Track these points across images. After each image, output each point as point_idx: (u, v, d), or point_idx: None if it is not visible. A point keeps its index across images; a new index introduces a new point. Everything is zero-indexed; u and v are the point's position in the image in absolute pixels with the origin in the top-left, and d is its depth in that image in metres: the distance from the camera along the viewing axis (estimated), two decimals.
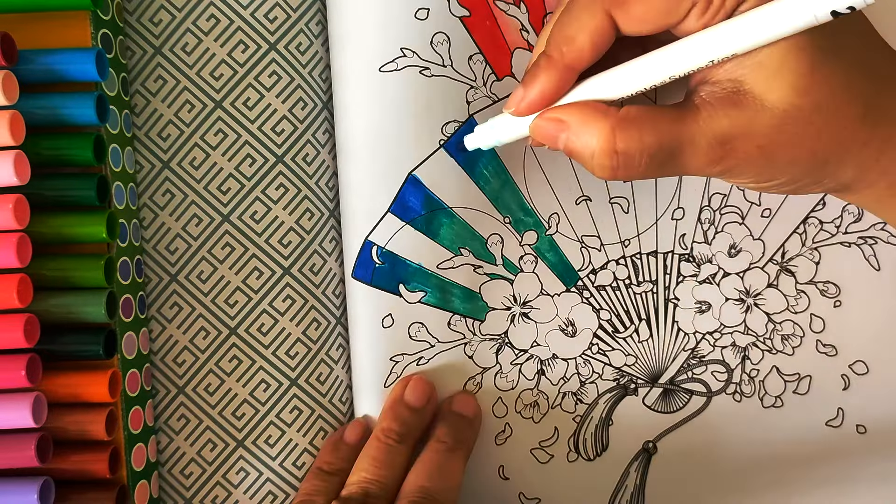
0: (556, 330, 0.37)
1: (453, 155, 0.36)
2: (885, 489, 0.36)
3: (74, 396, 0.32)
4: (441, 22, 0.35)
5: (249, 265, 0.36)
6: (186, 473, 0.36)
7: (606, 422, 0.37)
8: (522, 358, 0.37)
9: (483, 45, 0.35)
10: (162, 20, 0.36)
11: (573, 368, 0.37)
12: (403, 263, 0.36)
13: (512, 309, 0.37)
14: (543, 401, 0.37)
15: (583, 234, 0.37)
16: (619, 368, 0.37)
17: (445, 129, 0.36)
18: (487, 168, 0.36)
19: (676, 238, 0.37)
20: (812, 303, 0.37)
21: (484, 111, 0.36)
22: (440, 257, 0.36)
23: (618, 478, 0.37)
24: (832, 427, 0.37)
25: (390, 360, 0.36)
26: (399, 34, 0.35)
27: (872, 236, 0.36)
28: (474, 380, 0.37)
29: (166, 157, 0.36)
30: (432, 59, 0.35)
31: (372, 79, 0.35)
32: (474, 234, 0.36)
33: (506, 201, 0.36)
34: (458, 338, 0.37)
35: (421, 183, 0.36)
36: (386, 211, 0.36)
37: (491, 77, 0.36)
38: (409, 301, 0.36)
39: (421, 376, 0.36)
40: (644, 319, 0.37)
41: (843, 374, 0.37)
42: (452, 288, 0.36)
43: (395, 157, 0.35)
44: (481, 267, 0.36)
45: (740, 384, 0.37)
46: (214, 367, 0.36)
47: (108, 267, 0.32)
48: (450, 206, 0.36)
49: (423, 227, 0.36)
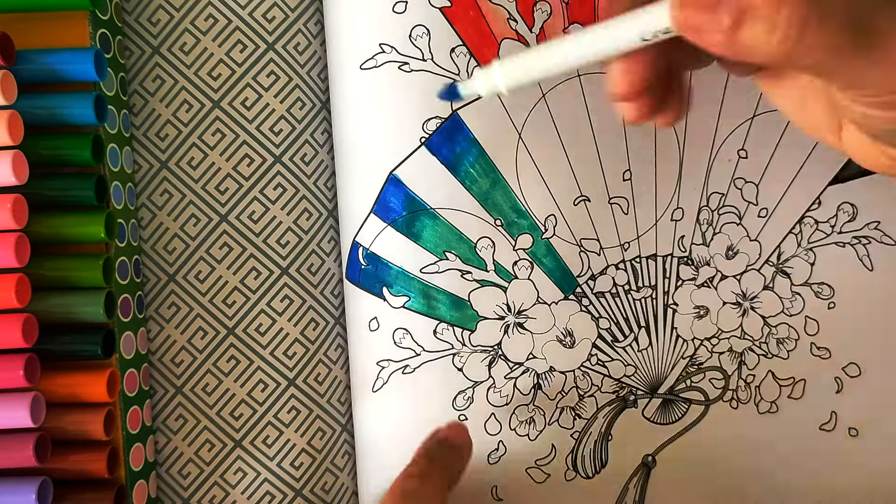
0: (553, 341, 0.35)
1: (435, 153, 0.35)
2: (878, 492, 0.36)
3: (73, 396, 0.32)
4: (420, 14, 0.34)
5: (247, 265, 0.36)
6: (184, 473, 0.36)
7: (606, 437, 0.36)
8: (517, 371, 0.35)
9: (466, 37, 0.34)
10: (160, 20, 0.36)
11: (571, 381, 0.36)
12: (386, 266, 0.35)
13: (506, 318, 0.35)
14: (540, 417, 0.36)
15: (581, 238, 0.35)
16: (619, 380, 0.36)
17: (427, 126, 0.35)
18: (474, 166, 0.35)
19: (675, 240, 0.36)
20: (806, 304, 0.36)
21: (470, 107, 0.34)
22: (423, 261, 0.35)
23: (616, 495, 0.36)
24: (825, 431, 0.36)
25: (377, 364, 0.35)
26: (377, 29, 0.34)
27: (866, 236, 0.36)
28: (465, 394, 0.36)
29: (164, 156, 0.36)
30: (411, 54, 0.34)
31: (354, 77, 0.35)
32: (461, 237, 0.35)
33: (496, 202, 0.35)
34: (447, 348, 0.35)
35: (401, 183, 0.35)
36: (369, 212, 0.35)
37: (476, 70, 0.35)
38: (393, 305, 0.35)
39: (458, 423, 0.34)
40: (643, 327, 0.36)
41: (837, 377, 0.36)
42: (437, 294, 0.35)
43: (377, 157, 0.35)
44: (469, 272, 0.35)
45: (737, 391, 0.36)
46: (212, 367, 0.36)
47: (106, 267, 0.32)
48: (432, 207, 0.35)
49: (404, 228, 0.35)
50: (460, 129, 0.35)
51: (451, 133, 0.35)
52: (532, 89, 0.35)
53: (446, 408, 0.36)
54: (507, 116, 0.35)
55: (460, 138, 0.35)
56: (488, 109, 0.35)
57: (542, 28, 0.35)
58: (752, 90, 0.36)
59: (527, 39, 0.35)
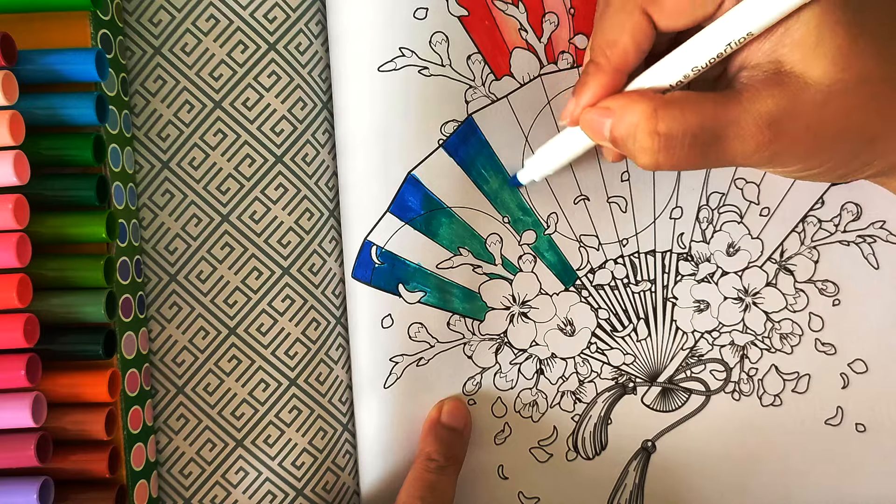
0: (554, 329, 0.37)
1: (452, 154, 0.36)
2: (885, 488, 0.36)
3: (74, 396, 0.32)
4: (440, 21, 0.35)
5: (249, 265, 0.36)
6: (185, 473, 0.36)
7: (605, 421, 0.37)
8: (521, 357, 0.37)
9: (481, 45, 0.36)
10: (161, 20, 0.36)
11: (572, 368, 0.37)
12: (403, 263, 0.36)
13: (511, 309, 0.37)
14: (542, 400, 0.37)
15: (581, 234, 0.37)
16: (618, 367, 0.37)
17: (444, 128, 0.36)
18: (486, 167, 0.36)
19: (675, 237, 0.37)
20: (811, 301, 0.37)
21: (483, 111, 0.36)
22: (439, 257, 0.36)
23: (617, 476, 0.37)
24: (832, 426, 0.37)
25: (390, 360, 0.36)
26: (397, 34, 0.35)
27: (871, 235, 0.36)
28: (473, 380, 0.37)
29: (166, 157, 0.36)
30: (431, 59, 0.35)
31: (371, 78, 0.35)
32: (473, 233, 0.36)
33: (504, 201, 0.36)
34: (458, 338, 0.37)
35: (420, 182, 0.36)
36: (385, 211, 0.36)
37: (490, 77, 0.36)
38: (409, 301, 0.36)
39: (455, 399, 0.37)
40: (642, 318, 0.37)
41: (843, 373, 0.37)
42: (452, 288, 0.36)
43: (394, 157, 0.36)
44: (480, 267, 0.36)
45: (739, 383, 0.37)
46: (214, 367, 0.36)
47: (107, 267, 0.32)
48: (449, 206, 0.36)
49: (423, 226, 0.36)
50: (474, 132, 0.36)
51: (467, 136, 0.36)
52: (538, 97, 0.36)
53: (456, 393, 0.37)
54: (515, 121, 0.36)
55: (474, 141, 0.36)
56: (500, 114, 0.36)
57: (550, 38, 0.36)
58: None
59: (535, 48, 0.36)
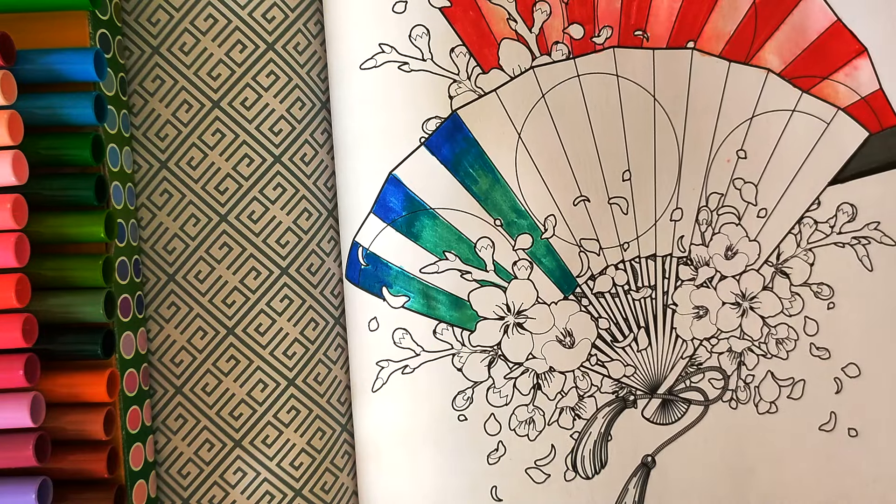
0: (553, 341, 0.36)
1: (435, 153, 0.35)
2: (877, 492, 0.36)
3: (73, 396, 0.32)
4: (420, 14, 0.34)
5: (247, 265, 0.36)
6: (184, 473, 0.36)
7: (605, 437, 0.36)
8: (517, 371, 0.36)
9: (466, 37, 0.35)
10: (160, 20, 0.36)
11: (571, 382, 0.36)
12: (385, 266, 0.35)
13: (505, 319, 0.35)
14: (539, 417, 0.36)
15: (581, 238, 0.36)
16: (618, 380, 0.36)
17: (426, 125, 0.35)
18: (474, 167, 0.35)
19: (675, 240, 0.36)
20: (806, 305, 0.36)
21: (469, 106, 0.35)
22: (423, 261, 0.35)
23: (616, 495, 0.36)
24: (825, 431, 0.36)
25: (376, 364, 0.36)
26: (377, 29, 0.34)
27: (866, 236, 0.36)
28: (464, 394, 0.36)
29: (164, 156, 0.36)
30: (411, 54, 0.34)
31: (354, 77, 0.35)
32: (461, 237, 0.35)
33: (496, 202, 0.35)
34: (446, 348, 0.35)
35: (401, 183, 0.35)
36: (369, 212, 0.35)
37: (476, 70, 0.35)
38: (393, 305, 0.35)
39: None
40: (643, 327, 0.36)
41: (836, 378, 0.36)
42: (437, 294, 0.35)
43: (377, 157, 0.35)
44: (469, 273, 0.35)
45: (736, 391, 0.36)
46: (212, 367, 0.36)
47: (106, 267, 0.32)
48: (432, 207, 0.35)
49: (404, 228, 0.35)
50: (460, 129, 0.35)
51: (451, 133, 0.35)
52: (532, 90, 0.35)
53: (446, 408, 0.36)
54: (506, 116, 0.35)
55: (460, 138, 0.35)
56: (488, 109, 0.35)
57: (542, 28, 0.35)
58: (751, 90, 0.36)
59: (526, 39, 0.35)
